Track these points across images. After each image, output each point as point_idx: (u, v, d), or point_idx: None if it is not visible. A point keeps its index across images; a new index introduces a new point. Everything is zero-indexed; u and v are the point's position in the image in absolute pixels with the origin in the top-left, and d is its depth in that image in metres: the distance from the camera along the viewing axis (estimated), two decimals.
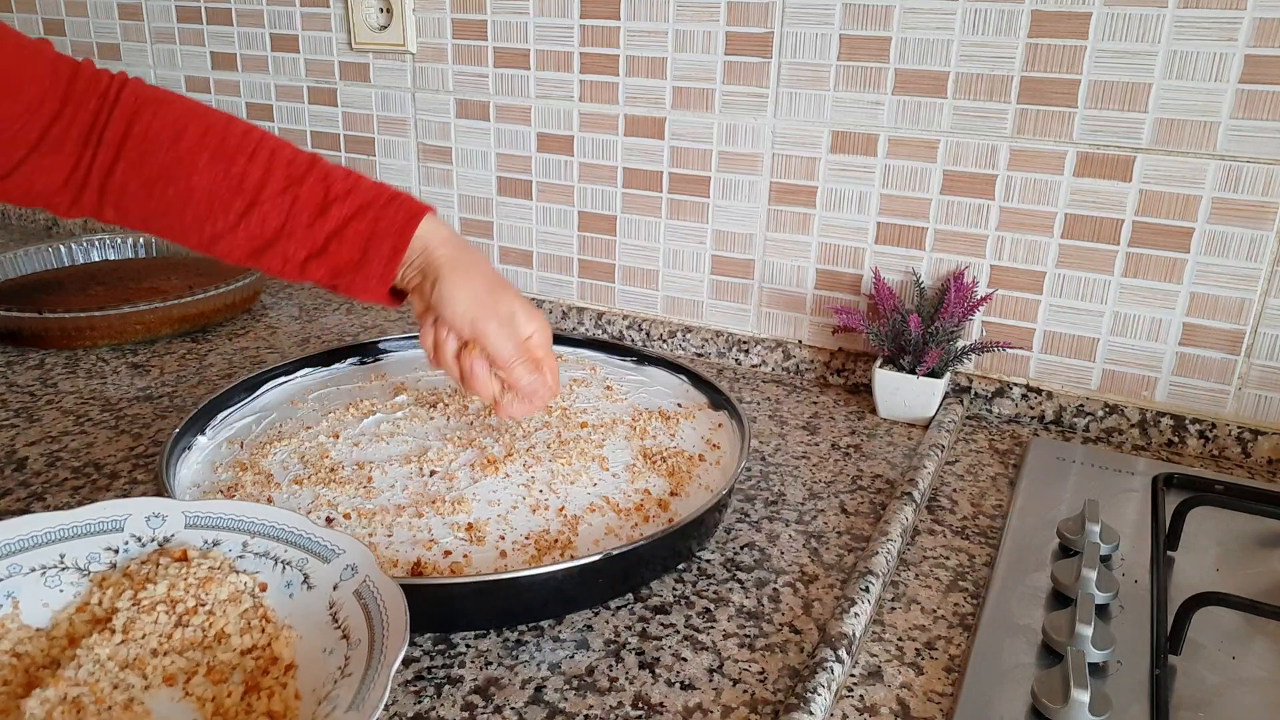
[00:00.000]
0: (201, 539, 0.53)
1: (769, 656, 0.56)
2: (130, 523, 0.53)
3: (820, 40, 0.89)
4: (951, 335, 0.86)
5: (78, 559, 0.51)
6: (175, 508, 0.54)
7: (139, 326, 1.03)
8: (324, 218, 0.60)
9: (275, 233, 0.60)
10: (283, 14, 1.18)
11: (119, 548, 0.52)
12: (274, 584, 0.52)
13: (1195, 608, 0.56)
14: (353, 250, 0.60)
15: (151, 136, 0.58)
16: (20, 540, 0.51)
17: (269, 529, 0.54)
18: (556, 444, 0.74)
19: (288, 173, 0.60)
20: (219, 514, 0.54)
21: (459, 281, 0.60)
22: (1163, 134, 0.80)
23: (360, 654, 0.47)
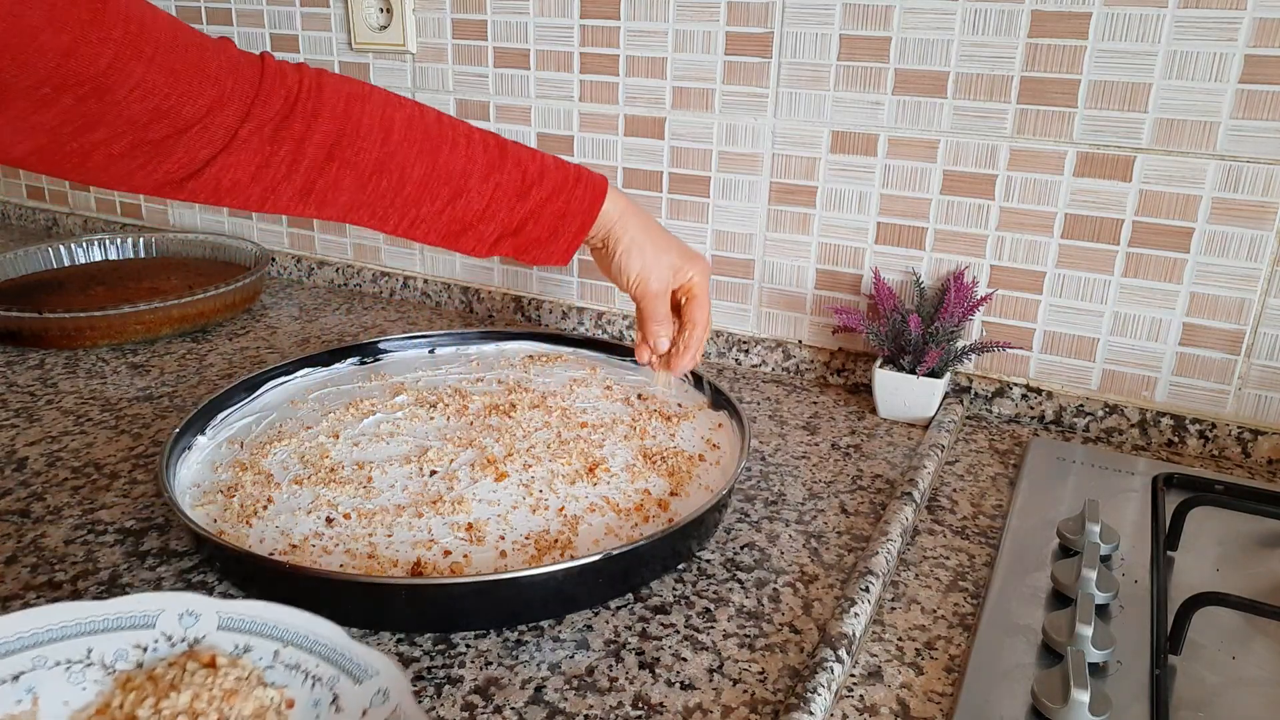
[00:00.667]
0: (233, 643, 0.51)
1: (769, 656, 0.56)
2: (162, 620, 0.51)
3: (820, 40, 0.89)
4: (951, 335, 0.86)
5: (104, 655, 0.49)
6: (210, 607, 0.52)
7: (139, 326, 1.03)
8: (523, 201, 0.64)
9: (477, 216, 0.64)
10: (283, 14, 1.18)
11: (148, 645, 0.50)
12: (301, 701, 0.50)
13: (1195, 608, 0.56)
14: (545, 229, 0.66)
15: (364, 134, 0.60)
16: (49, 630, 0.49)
17: (303, 640, 0.51)
18: (556, 444, 0.74)
19: (486, 159, 0.64)
20: (254, 618, 0.52)
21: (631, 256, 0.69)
22: (1163, 134, 0.80)
23: None
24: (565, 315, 1.12)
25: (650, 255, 0.69)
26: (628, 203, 0.69)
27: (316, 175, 0.59)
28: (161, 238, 1.28)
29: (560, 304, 1.12)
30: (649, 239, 0.69)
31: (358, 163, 0.60)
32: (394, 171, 0.61)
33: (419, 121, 0.62)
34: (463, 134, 0.64)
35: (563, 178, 0.66)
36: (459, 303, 1.19)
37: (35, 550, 0.65)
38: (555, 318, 1.12)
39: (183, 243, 1.28)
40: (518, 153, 0.65)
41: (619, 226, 0.68)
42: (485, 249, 0.66)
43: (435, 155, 0.62)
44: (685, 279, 0.72)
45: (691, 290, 0.73)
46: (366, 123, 0.60)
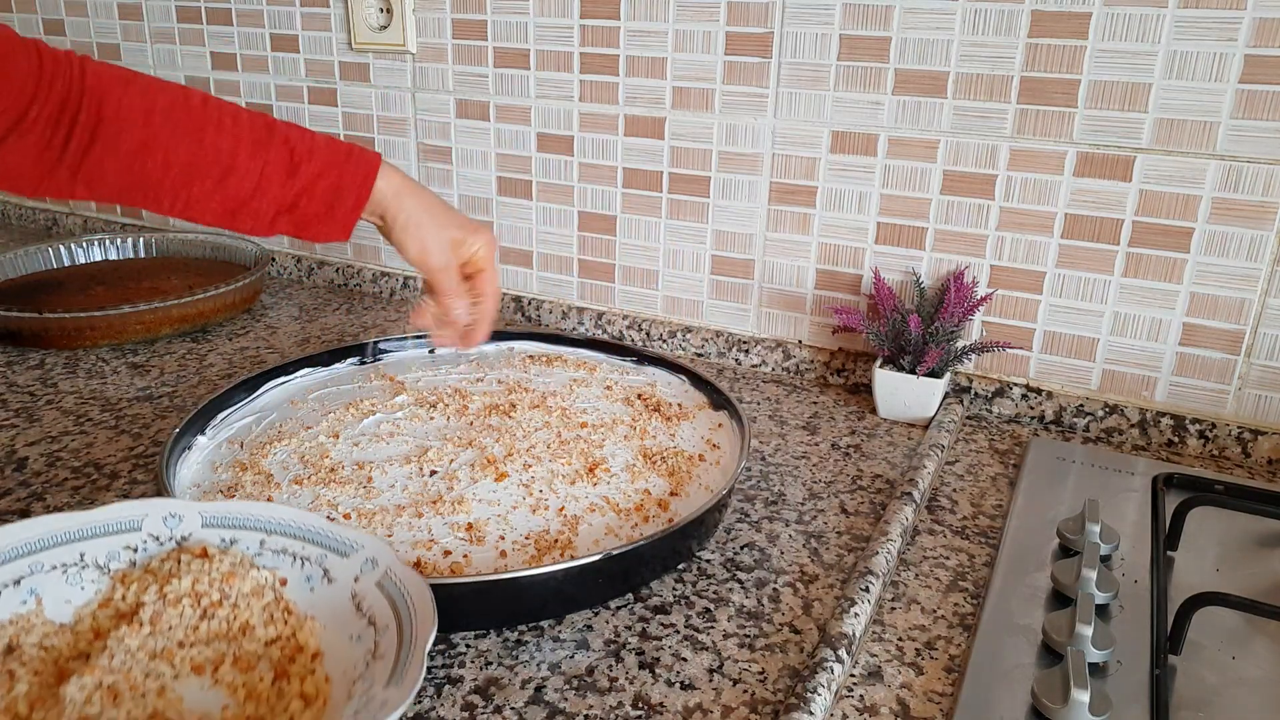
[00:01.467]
0: (219, 537, 0.54)
1: (769, 656, 0.56)
2: (147, 522, 0.54)
3: (820, 40, 0.89)
4: (951, 335, 0.86)
5: (97, 557, 0.52)
6: (191, 509, 0.55)
7: (139, 326, 1.03)
8: (294, 178, 0.65)
9: (250, 193, 0.64)
10: (283, 14, 1.18)
11: (138, 546, 0.53)
12: (294, 579, 0.53)
13: (1195, 608, 0.56)
14: (320, 204, 0.66)
15: (124, 116, 0.61)
16: (40, 539, 0.51)
17: (285, 527, 0.55)
18: (556, 444, 0.74)
19: (253, 138, 0.64)
20: (234, 514, 0.55)
21: (409, 233, 0.68)
22: (1163, 134, 0.80)
23: (389, 638, 0.48)
24: (565, 315, 1.12)
25: (429, 231, 0.69)
26: (404, 179, 0.69)
27: (81, 157, 0.60)
28: (161, 238, 1.28)
29: (560, 304, 1.12)
30: (428, 215, 0.69)
31: (119, 145, 0.61)
32: (158, 152, 0.62)
33: (182, 104, 0.63)
34: (229, 114, 0.65)
35: (333, 155, 0.67)
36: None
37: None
38: (555, 318, 1.12)
39: (183, 243, 1.28)
40: (287, 131, 0.66)
41: (395, 203, 0.68)
42: (265, 227, 0.66)
43: (200, 135, 0.63)
44: (470, 252, 0.71)
45: (477, 263, 0.72)
46: (128, 105, 0.61)
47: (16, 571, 0.51)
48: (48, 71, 0.59)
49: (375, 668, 0.46)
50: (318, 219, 0.66)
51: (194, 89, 0.65)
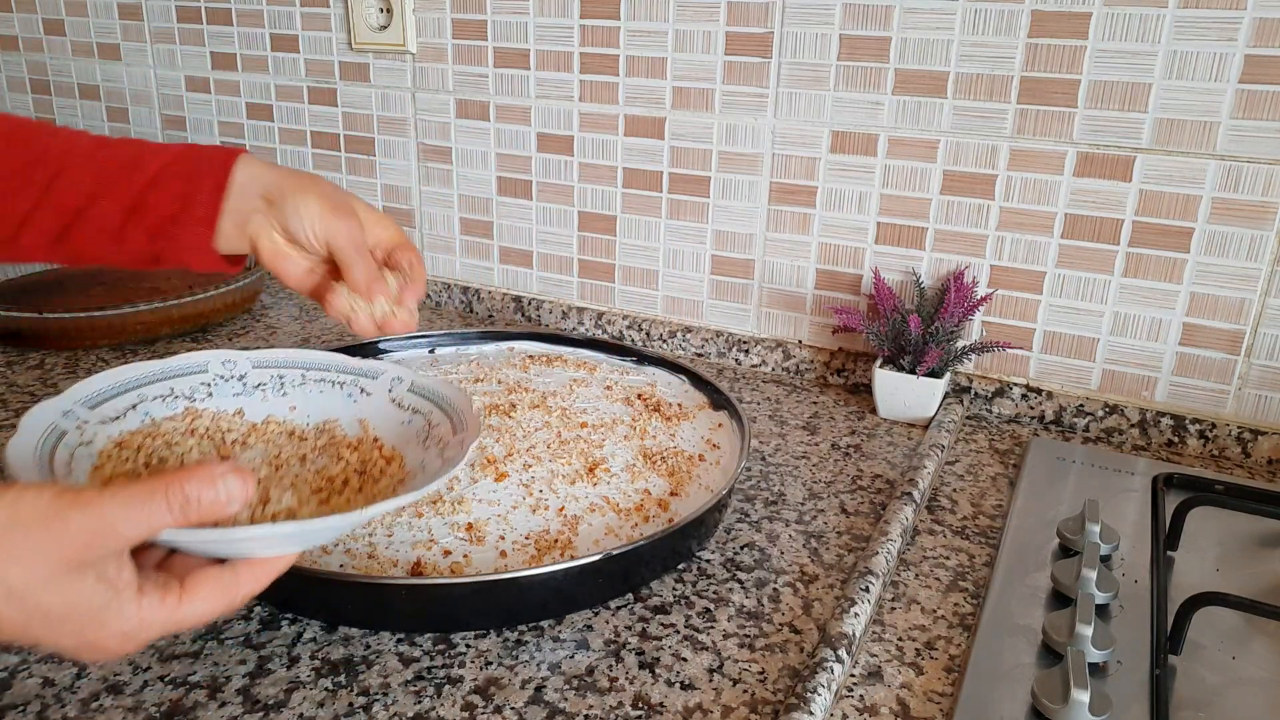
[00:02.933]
0: (269, 374, 0.63)
1: (769, 656, 0.56)
2: (211, 365, 0.62)
3: (820, 40, 0.89)
4: (951, 335, 0.86)
5: (184, 390, 0.61)
6: (242, 355, 0.64)
7: (139, 326, 1.03)
8: (137, 170, 0.56)
9: (88, 196, 0.56)
10: (283, 14, 1.18)
11: (210, 382, 0.62)
12: (337, 396, 0.63)
13: (1195, 608, 0.56)
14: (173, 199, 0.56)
15: None
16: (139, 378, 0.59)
17: (322, 364, 0.64)
18: (557, 444, 0.74)
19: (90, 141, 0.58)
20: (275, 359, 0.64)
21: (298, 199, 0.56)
22: (1163, 134, 0.80)
23: (438, 414, 0.59)
24: (565, 315, 1.12)
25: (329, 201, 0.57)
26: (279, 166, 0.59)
27: None
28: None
29: (560, 304, 1.12)
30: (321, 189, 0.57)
31: None
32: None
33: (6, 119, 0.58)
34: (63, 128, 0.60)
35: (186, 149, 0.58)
36: (459, 303, 1.19)
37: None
38: (555, 318, 1.12)
39: None
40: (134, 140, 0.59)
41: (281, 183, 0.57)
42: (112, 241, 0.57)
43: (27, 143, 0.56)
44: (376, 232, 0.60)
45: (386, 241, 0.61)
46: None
47: (129, 401, 0.58)
48: None
49: (436, 430, 0.57)
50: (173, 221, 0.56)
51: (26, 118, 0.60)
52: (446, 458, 0.53)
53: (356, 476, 0.56)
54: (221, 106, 1.28)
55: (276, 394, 0.64)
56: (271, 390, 0.64)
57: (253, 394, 0.63)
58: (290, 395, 0.64)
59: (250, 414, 0.62)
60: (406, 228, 1.19)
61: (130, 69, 1.34)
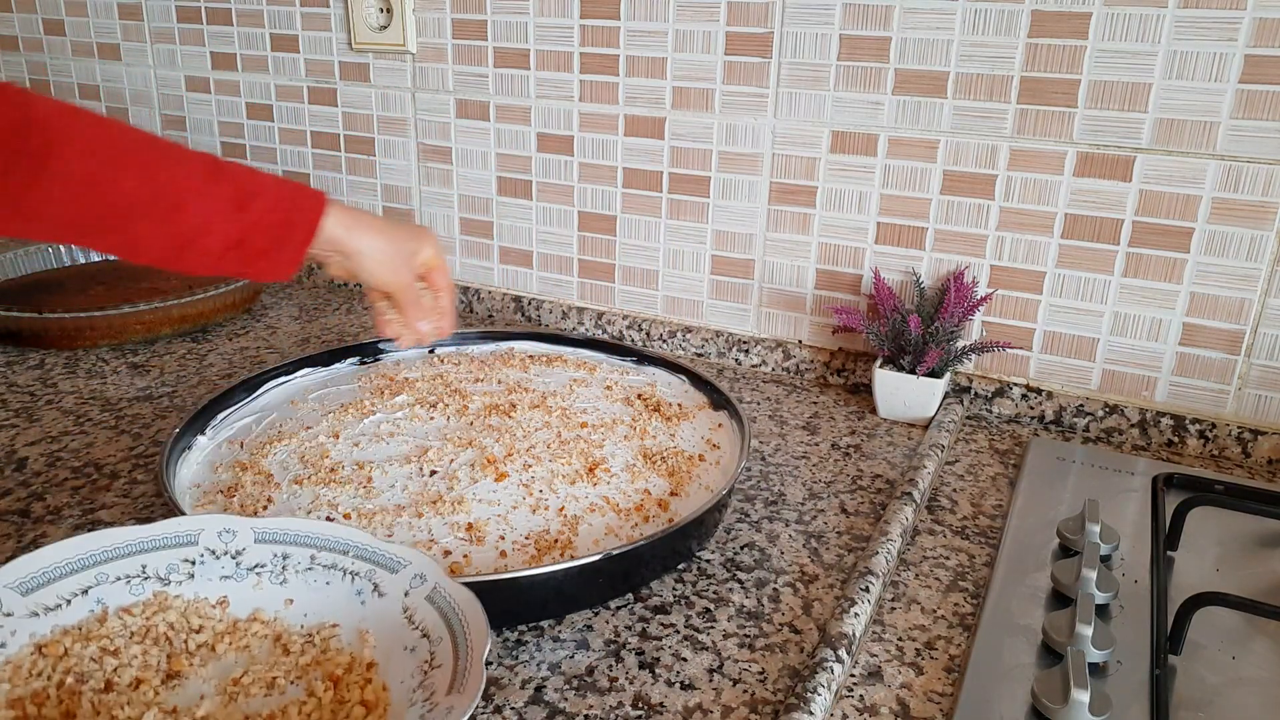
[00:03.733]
0: (271, 553, 0.55)
1: (769, 656, 0.56)
2: (204, 537, 0.55)
3: (820, 40, 0.89)
4: (951, 335, 0.86)
5: (158, 569, 0.54)
6: (244, 524, 0.56)
7: (139, 326, 1.03)
8: (242, 212, 0.63)
9: (197, 230, 0.62)
10: (283, 14, 1.18)
11: (195, 559, 0.55)
12: (344, 592, 0.54)
13: (1195, 608, 0.56)
14: (267, 240, 0.64)
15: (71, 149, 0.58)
16: (104, 551, 0.53)
17: (334, 544, 0.56)
18: (556, 444, 0.74)
19: (203, 172, 0.63)
20: (285, 531, 0.56)
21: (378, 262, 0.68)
22: (1163, 134, 0.80)
23: (445, 648, 0.49)
24: (565, 315, 1.12)
25: (391, 253, 0.69)
26: (349, 212, 0.68)
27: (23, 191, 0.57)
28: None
29: (560, 304, 1.12)
30: (383, 239, 0.69)
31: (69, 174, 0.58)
32: (105, 184, 0.59)
33: (129, 138, 0.61)
34: (175, 150, 0.63)
35: (281, 192, 0.65)
36: (459, 303, 1.19)
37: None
38: (555, 318, 1.12)
39: None
40: (233, 169, 0.65)
41: (348, 238, 0.67)
42: (211, 265, 0.64)
43: (148, 169, 0.60)
44: (423, 259, 0.72)
45: (430, 263, 0.73)
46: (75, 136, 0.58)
47: (84, 582, 0.52)
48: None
49: (434, 676, 0.48)
50: (264, 255, 0.65)
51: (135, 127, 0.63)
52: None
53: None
54: (221, 106, 1.28)
55: (274, 580, 0.55)
56: (269, 575, 0.55)
57: (245, 577, 0.54)
58: (290, 584, 0.55)
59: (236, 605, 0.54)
60: None
61: (130, 69, 1.34)
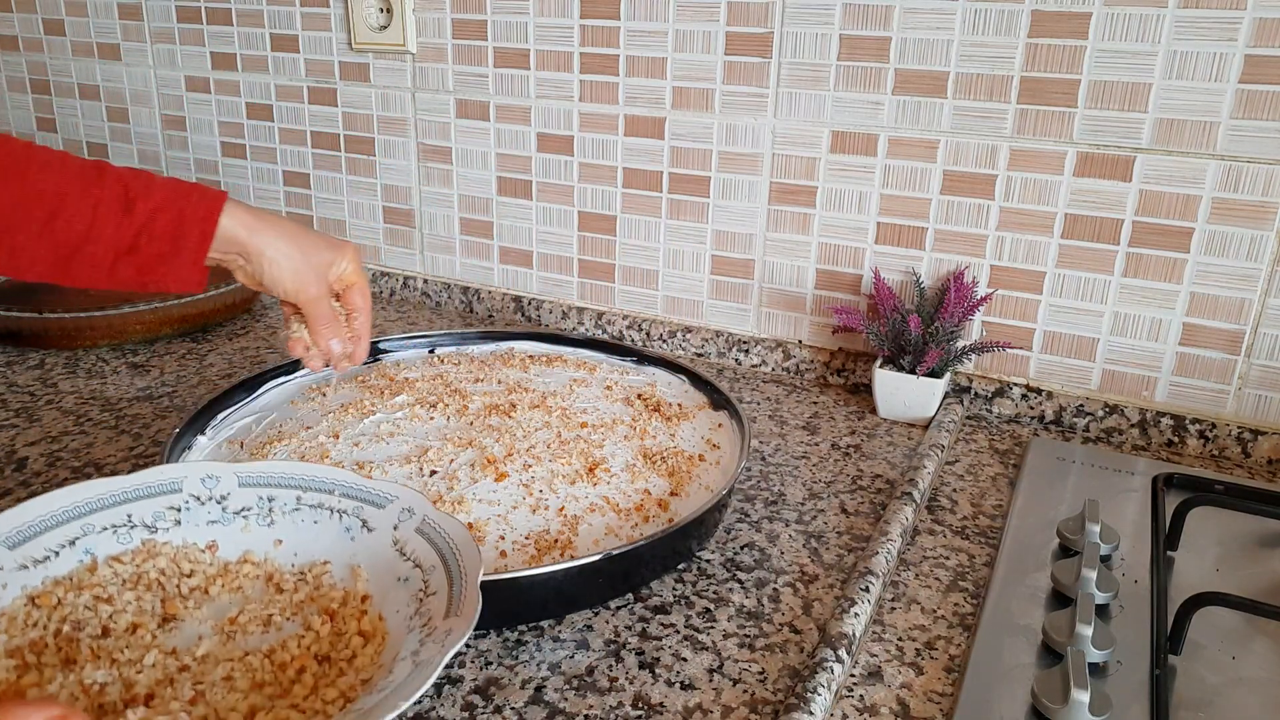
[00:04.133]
0: (256, 496, 0.55)
1: (769, 656, 0.56)
2: (187, 484, 0.55)
3: (820, 40, 0.89)
4: (951, 335, 0.86)
5: (144, 517, 0.54)
6: (227, 470, 0.56)
7: (139, 326, 1.03)
8: (129, 215, 0.60)
9: (82, 236, 0.59)
10: (283, 14, 1.18)
11: (180, 506, 0.54)
12: (332, 530, 0.55)
13: (1195, 608, 0.56)
14: (163, 244, 0.61)
15: None
16: (89, 503, 0.53)
17: (319, 483, 0.56)
18: (556, 444, 0.74)
19: (81, 177, 0.60)
20: (269, 473, 0.56)
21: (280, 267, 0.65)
22: (1163, 134, 0.80)
23: (438, 576, 0.50)
24: (565, 315, 1.12)
25: (299, 260, 0.65)
26: (254, 212, 0.65)
27: None
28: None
29: (560, 304, 1.12)
30: (292, 244, 0.65)
31: None
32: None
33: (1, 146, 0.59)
34: (55, 156, 0.61)
35: (173, 192, 0.62)
36: (459, 303, 1.19)
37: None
38: (555, 318, 1.12)
39: None
40: (118, 171, 0.62)
41: (252, 239, 0.63)
42: (104, 275, 0.61)
43: (23, 177, 0.58)
44: (339, 271, 0.68)
45: (346, 279, 0.69)
46: None
47: (70, 533, 0.52)
48: None
49: (430, 603, 0.48)
50: (161, 260, 0.61)
51: (16, 138, 0.61)
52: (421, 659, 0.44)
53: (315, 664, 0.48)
54: (221, 106, 1.28)
55: (262, 522, 0.55)
56: (256, 517, 0.55)
57: (232, 521, 0.54)
58: (278, 525, 0.55)
59: (225, 548, 0.54)
60: (406, 228, 1.19)
61: (130, 69, 1.34)
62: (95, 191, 0.60)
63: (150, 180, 0.62)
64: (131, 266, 0.61)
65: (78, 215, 0.59)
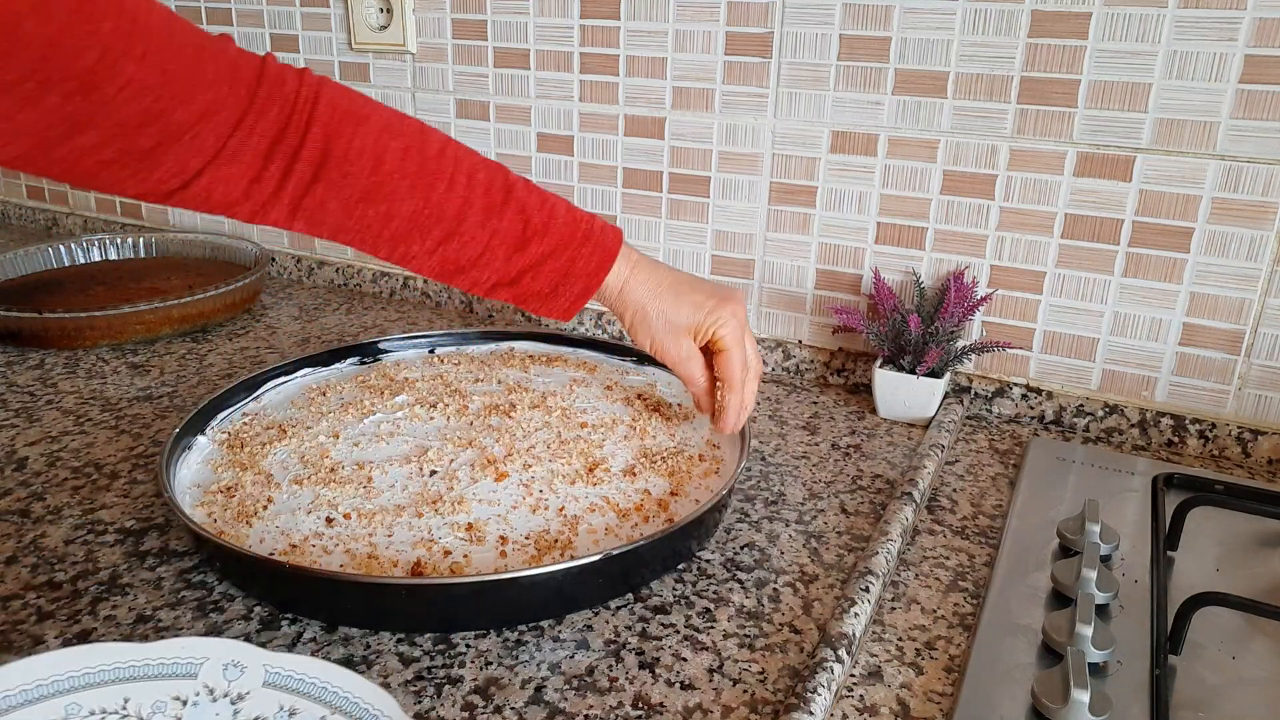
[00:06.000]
0: (278, 703, 0.47)
1: (769, 656, 0.56)
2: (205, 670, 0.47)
3: (820, 40, 0.89)
4: (951, 335, 0.86)
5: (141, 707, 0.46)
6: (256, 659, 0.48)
7: (139, 326, 1.03)
8: (521, 253, 0.61)
9: (471, 262, 0.61)
10: (283, 14, 1.18)
11: (188, 699, 0.46)
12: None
13: (1195, 608, 0.56)
14: (544, 285, 0.63)
15: (353, 158, 0.56)
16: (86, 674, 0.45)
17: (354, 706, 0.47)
18: (556, 444, 0.74)
19: (485, 202, 0.60)
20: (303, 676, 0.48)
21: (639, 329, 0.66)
22: (1163, 134, 0.80)
23: None
24: None
25: (659, 325, 0.65)
26: (634, 266, 0.65)
27: (303, 194, 0.56)
28: (161, 238, 1.28)
29: None
30: (658, 304, 0.65)
31: (344, 187, 0.56)
32: (381, 203, 0.57)
33: (416, 153, 0.59)
34: (465, 171, 0.60)
35: (570, 234, 0.62)
36: (459, 303, 1.19)
37: (35, 550, 0.65)
38: None
39: (183, 243, 1.28)
40: (524, 199, 0.61)
41: (622, 298, 0.65)
42: (483, 291, 0.64)
43: (429, 192, 0.58)
44: (709, 334, 0.66)
45: (719, 342, 0.67)
46: (358, 146, 0.56)
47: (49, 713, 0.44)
48: (264, 94, 0.54)
49: None
50: (539, 298, 0.63)
51: (435, 132, 0.61)
52: None
53: None
54: None
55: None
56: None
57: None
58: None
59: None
60: None
61: None
62: (494, 222, 0.60)
63: (551, 215, 0.62)
64: (508, 293, 0.63)
65: (474, 242, 0.60)
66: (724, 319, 0.66)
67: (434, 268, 0.62)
